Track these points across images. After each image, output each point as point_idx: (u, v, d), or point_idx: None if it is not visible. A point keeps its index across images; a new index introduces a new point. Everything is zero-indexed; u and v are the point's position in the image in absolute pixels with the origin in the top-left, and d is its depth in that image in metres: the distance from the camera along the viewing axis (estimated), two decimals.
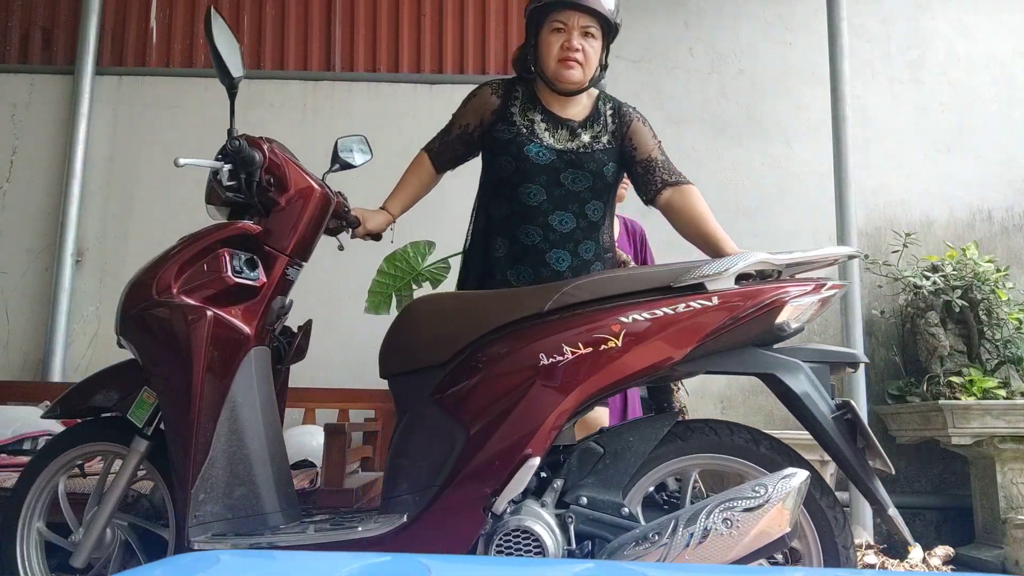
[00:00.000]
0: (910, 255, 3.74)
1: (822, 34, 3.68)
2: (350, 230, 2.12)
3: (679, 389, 2.60)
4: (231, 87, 1.81)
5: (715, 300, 1.59)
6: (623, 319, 1.60)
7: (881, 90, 4.07)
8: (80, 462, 1.96)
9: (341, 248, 2.21)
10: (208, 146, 3.92)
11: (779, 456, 1.62)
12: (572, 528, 1.58)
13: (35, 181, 3.86)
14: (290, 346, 2.01)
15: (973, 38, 4.13)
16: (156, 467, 1.84)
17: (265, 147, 1.88)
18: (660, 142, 2.08)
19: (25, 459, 2.86)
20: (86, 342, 3.74)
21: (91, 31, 3.92)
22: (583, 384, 1.60)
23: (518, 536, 1.55)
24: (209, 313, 1.72)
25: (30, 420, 3.03)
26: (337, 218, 2.05)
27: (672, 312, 1.59)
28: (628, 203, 2.60)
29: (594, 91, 2.13)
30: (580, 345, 1.61)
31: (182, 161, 1.82)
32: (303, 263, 1.96)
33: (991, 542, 3.31)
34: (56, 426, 3.07)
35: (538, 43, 2.06)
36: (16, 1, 4.07)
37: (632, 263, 2.24)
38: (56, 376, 3.63)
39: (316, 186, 1.94)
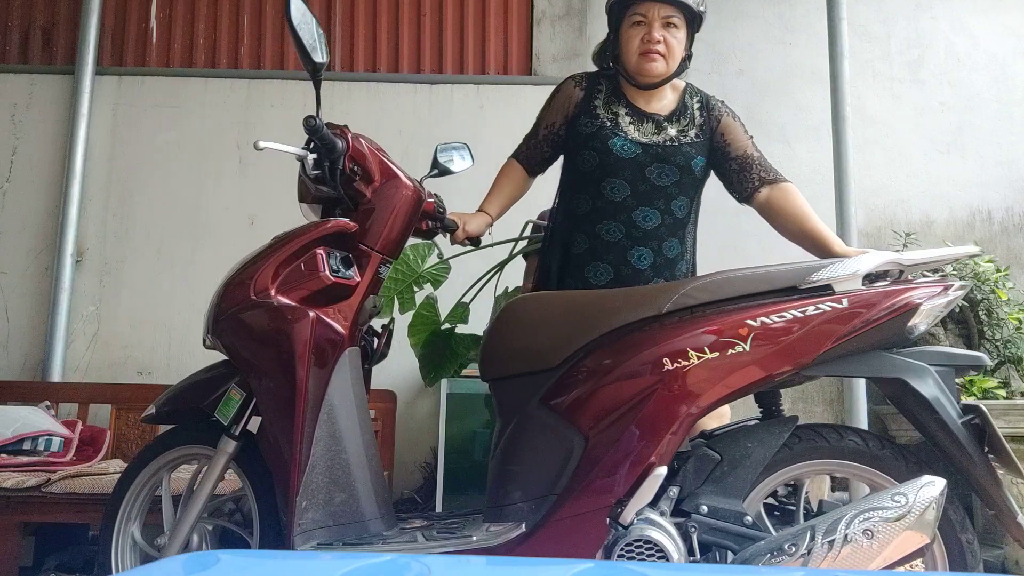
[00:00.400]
0: None
1: (822, 34, 3.67)
2: (447, 234, 2.05)
3: None
4: (315, 72, 1.73)
5: (845, 303, 1.53)
6: (751, 322, 1.53)
7: (881, 90, 4.07)
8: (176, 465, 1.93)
9: (441, 257, 2.17)
10: (208, 146, 3.95)
11: (901, 460, 1.56)
12: (695, 538, 1.52)
13: (35, 181, 3.86)
14: (376, 346, 1.96)
15: (973, 38, 4.12)
16: (243, 469, 1.80)
17: (349, 135, 1.82)
18: (753, 137, 2.03)
19: (25, 459, 2.87)
20: (86, 342, 3.74)
21: (91, 31, 3.92)
22: (710, 390, 1.54)
23: (640, 546, 1.49)
24: (311, 314, 1.68)
25: (30, 420, 3.03)
26: (432, 219, 1.99)
27: (801, 315, 1.53)
28: None
29: (679, 84, 2.08)
30: (706, 349, 1.54)
31: (262, 144, 1.75)
32: (392, 260, 1.92)
33: (991, 542, 3.31)
34: (58, 427, 3.07)
35: (618, 38, 2.01)
36: (16, 1, 4.06)
37: None
38: (56, 376, 3.63)
39: (404, 179, 1.87)
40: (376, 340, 1.96)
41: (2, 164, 3.87)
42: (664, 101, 2.03)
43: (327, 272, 1.72)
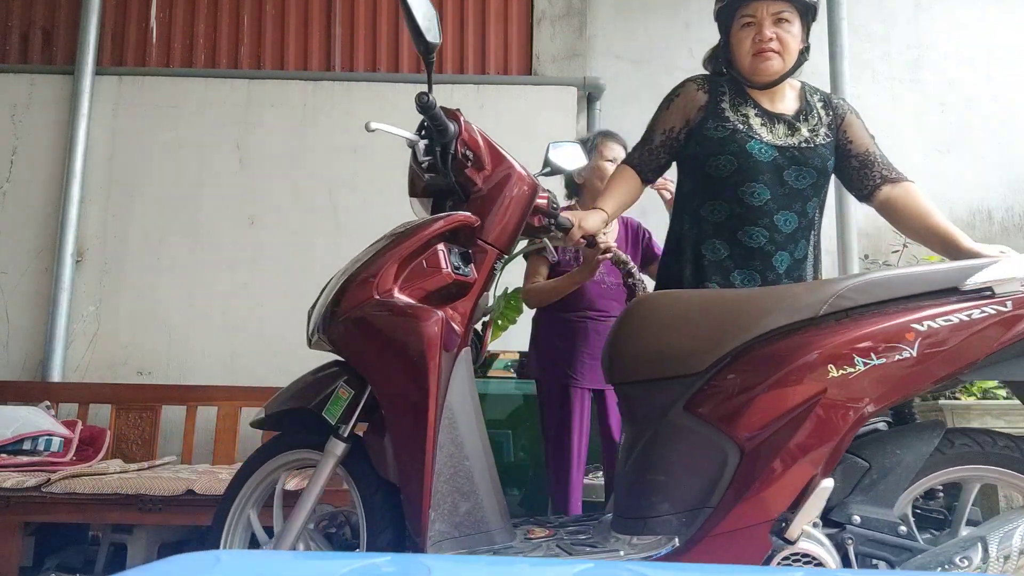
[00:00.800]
0: (910, 255, 3.73)
1: (822, 34, 3.67)
2: (560, 235, 1.93)
3: None
4: (427, 53, 1.65)
5: (1009, 305, 1.46)
6: (917, 326, 1.46)
7: (881, 90, 4.07)
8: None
9: (553, 258, 1.99)
10: (208, 146, 3.95)
11: None
12: (851, 550, 1.46)
13: (35, 181, 3.86)
14: (481, 346, 1.86)
15: (973, 38, 4.12)
16: (351, 473, 1.68)
17: (461, 118, 1.74)
18: (874, 137, 1.99)
19: (25, 459, 2.87)
20: (86, 342, 3.74)
21: (91, 31, 3.92)
22: (876, 398, 1.47)
23: (798, 559, 1.44)
24: (440, 314, 1.58)
25: (30, 420, 3.03)
26: (546, 215, 1.89)
27: (967, 319, 1.46)
28: None
29: (796, 83, 2.04)
30: (872, 355, 1.47)
31: (374, 125, 1.70)
32: (506, 256, 1.80)
33: None
34: (58, 427, 3.07)
35: (729, 42, 1.97)
36: (16, 1, 4.07)
37: (632, 264, 2.22)
38: (56, 376, 3.63)
39: (519, 167, 1.77)
40: (481, 340, 1.88)
41: (2, 164, 3.87)
42: (787, 101, 1.98)
43: (449, 269, 1.64)
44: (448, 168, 1.70)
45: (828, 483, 1.45)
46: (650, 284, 2.34)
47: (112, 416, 3.38)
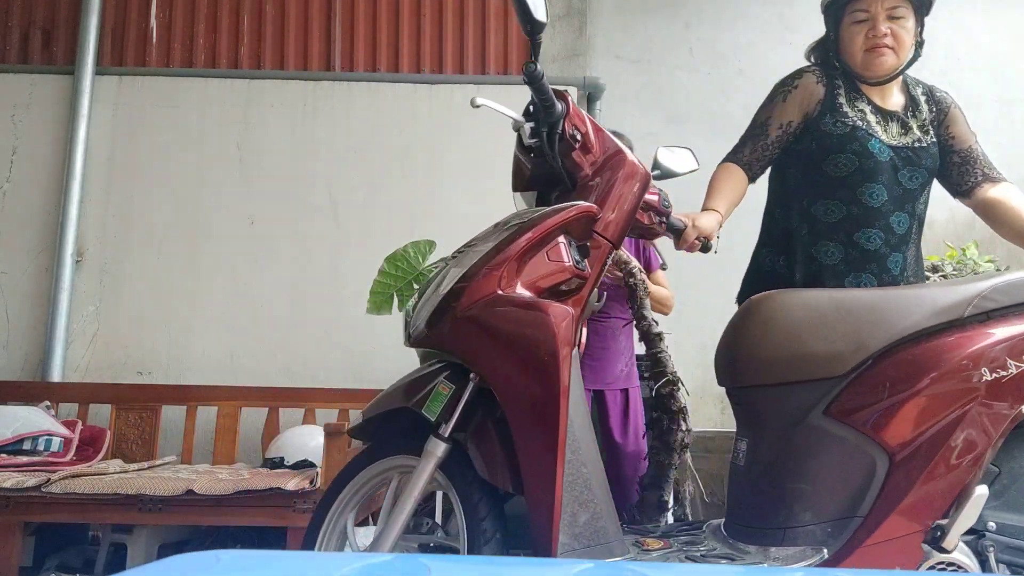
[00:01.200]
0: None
1: (822, 34, 3.67)
2: (672, 235, 1.82)
3: (679, 389, 2.59)
4: (532, 33, 1.58)
5: None
6: None
7: None
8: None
9: (664, 266, 1.85)
10: (208, 146, 3.95)
11: None
12: (992, 557, 1.44)
13: (35, 181, 3.86)
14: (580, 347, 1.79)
15: (973, 38, 4.12)
16: (450, 477, 1.57)
17: (569, 99, 1.64)
18: (976, 134, 1.96)
19: (25, 459, 2.87)
20: (86, 342, 3.74)
21: (91, 31, 3.92)
22: None
23: (944, 569, 1.41)
24: (571, 311, 1.49)
25: (30, 420, 3.03)
26: (657, 214, 1.79)
27: None
28: None
29: (900, 77, 1.97)
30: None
31: (479, 101, 1.62)
32: (616, 251, 1.72)
33: None
34: (58, 427, 3.07)
35: (839, 37, 1.92)
36: (16, 1, 4.06)
37: (634, 263, 2.22)
38: (56, 376, 3.63)
39: (630, 154, 1.68)
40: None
41: (2, 164, 3.87)
42: (895, 96, 1.93)
43: (572, 263, 1.55)
44: (556, 151, 1.61)
45: (983, 490, 1.42)
46: (650, 285, 2.34)
47: (112, 416, 3.38)
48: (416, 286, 2.61)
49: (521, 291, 1.50)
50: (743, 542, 1.54)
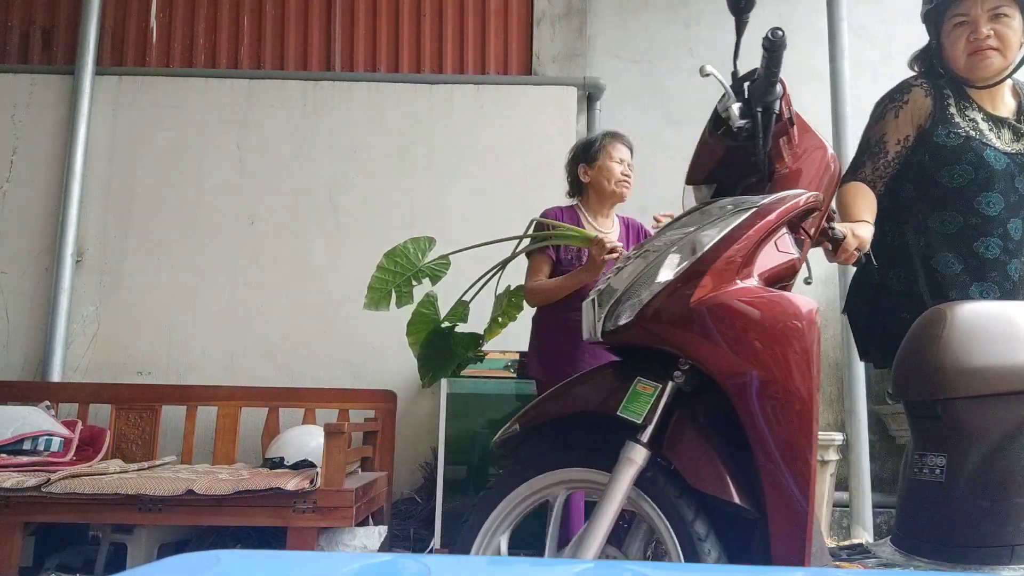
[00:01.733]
0: None
1: (822, 34, 3.67)
2: (830, 244, 1.70)
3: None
4: (739, 13, 1.52)
5: None
6: None
7: (881, 90, 4.04)
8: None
9: (808, 280, 1.73)
10: (208, 146, 3.95)
11: None
12: None
13: (35, 181, 3.86)
14: None
15: None
16: (645, 491, 1.42)
17: (784, 81, 1.54)
18: None
19: (25, 459, 2.87)
20: (86, 342, 3.74)
21: (91, 31, 3.92)
22: None
23: None
24: (816, 304, 1.40)
25: (30, 420, 3.03)
26: (827, 219, 1.67)
27: None
28: (628, 203, 2.60)
29: (1009, 81, 1.94)
30: None
31: (708, 69, 1.57)
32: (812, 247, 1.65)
33: None
34: (58, 427, 3.07)
35: (940, 44, 1.91)
36: (16, 1, 4.07)
37: None
38: (56, 376, 3.63)
39: (830, 149, 1.60)
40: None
41: (2, 164, 3.87)
42: (1005, 101, 1.91)
43: (798, 255, 1.48)
44: (768, 138, 1.51)
45: None
46: None
47: (112, 416, 3.39)
48: (415, 282, 2.59)
49: (755, 282, 1.42)
50: (962, 563, 1.48)
